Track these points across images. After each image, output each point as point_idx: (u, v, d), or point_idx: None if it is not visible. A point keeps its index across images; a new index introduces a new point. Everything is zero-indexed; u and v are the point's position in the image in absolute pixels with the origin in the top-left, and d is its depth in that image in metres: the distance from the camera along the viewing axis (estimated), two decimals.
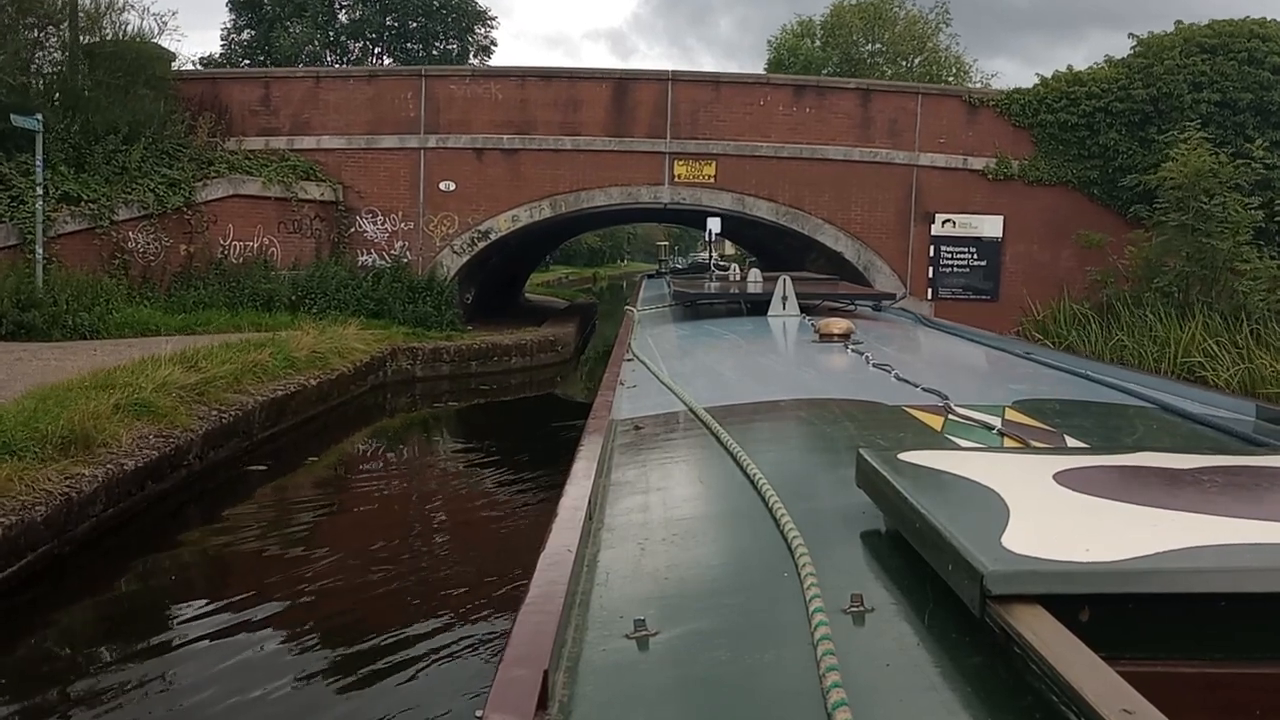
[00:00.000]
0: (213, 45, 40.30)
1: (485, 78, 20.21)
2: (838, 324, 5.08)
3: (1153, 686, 1.13)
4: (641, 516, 2.22)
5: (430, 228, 20.09)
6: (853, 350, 4.68)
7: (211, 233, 18.12)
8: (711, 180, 20.14)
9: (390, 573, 7.46)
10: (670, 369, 4.37)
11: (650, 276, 14.28)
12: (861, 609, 1.52)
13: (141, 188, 17.01)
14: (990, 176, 19.94)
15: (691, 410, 3.26)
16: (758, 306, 6.67)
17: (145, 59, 18.30)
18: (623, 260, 73.70)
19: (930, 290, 20.25)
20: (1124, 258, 17.45)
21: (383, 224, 20.07)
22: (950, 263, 20.22)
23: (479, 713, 1.20)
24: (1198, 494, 1.70)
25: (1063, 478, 1.78)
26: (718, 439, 2.76)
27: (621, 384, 4.12)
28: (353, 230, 19.99)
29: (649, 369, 4.34)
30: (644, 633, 1.50)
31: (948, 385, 3.46)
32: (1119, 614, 1.34)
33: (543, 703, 1.25)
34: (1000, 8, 66.54)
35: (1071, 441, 2.71)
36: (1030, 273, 20.09)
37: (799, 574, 1.62)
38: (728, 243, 62.72)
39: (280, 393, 11.39)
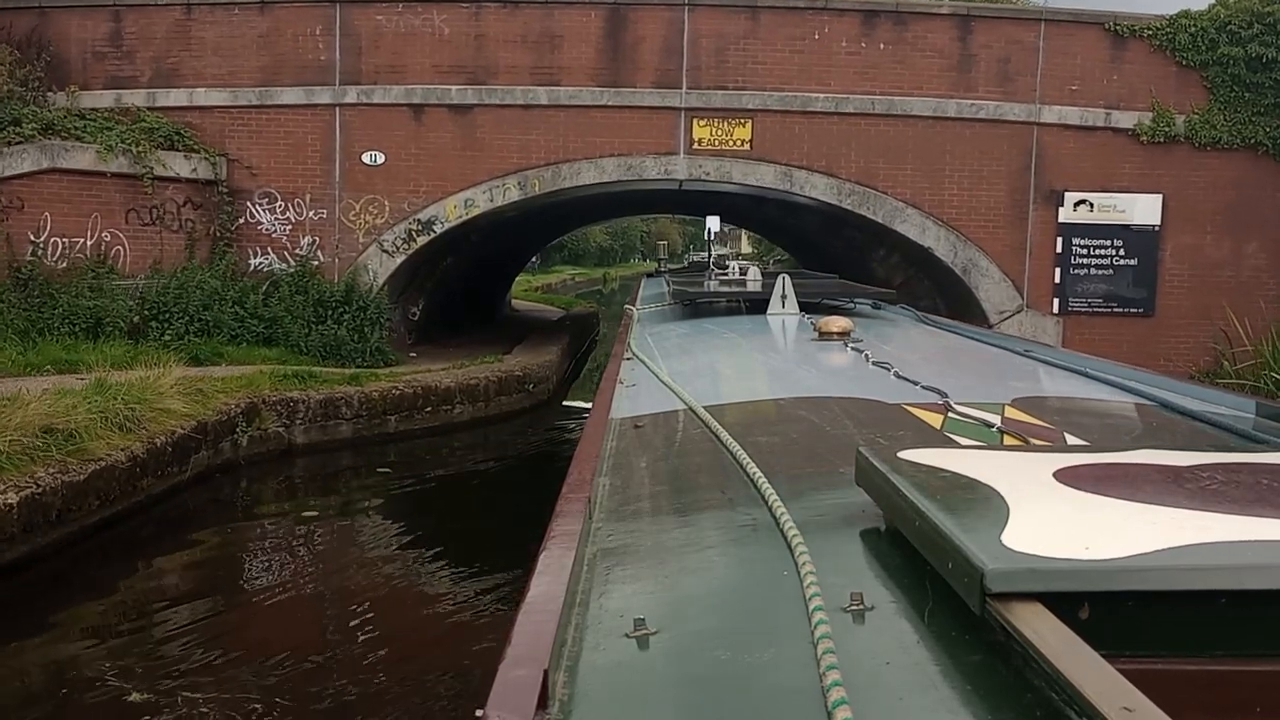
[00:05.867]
0: None
1: (425, 3, 14.29)
2: (837, 322, 4.99)
3: (1153, 684, 1.12)
4: (641, 515, 2.18)
5: (350, 217, 14.27)
6: (852, 348, 4.58)
7: (12, 224, 12.33)
8: (746, 147, 14.24)
9: None
10: (670, 368, 4.26)
11: (650, 275, 12.79)
12: (861, 607, 1.48)
13: None
14: (1144, 138, 13.99)
15: (691, 409, 3.20)
16: (757, 305, 6.54)
17: None
18: (644, 259, 68.53)
19: (1057, 301, 14.31)
20: None
21: (283, 212, 14.26)
22: (1086, 261, 14.25)
23: (479, 712, 1.15)
24: (1198, 491, 1.66)
25: (1063, 475, 1.76)
26: (717, 438, 2.73)
27: (621, 383, 4.00)
28: (241, 221, 14.20)
29: (648, 368, 4.24)
30: (644, 631, 1.47)
31: (947, 383, 3.36)
32: (1119, 612, 1.31)
33: (543, 702, 1.22)
34: None
35: (1071, 439, 2.69)
36: (1200, 276, 14.15)
37: (798, 572, 1.60)
38: (745, 238, 57.10)
39: None
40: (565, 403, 16.31)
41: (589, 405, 5.10)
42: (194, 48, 14.12)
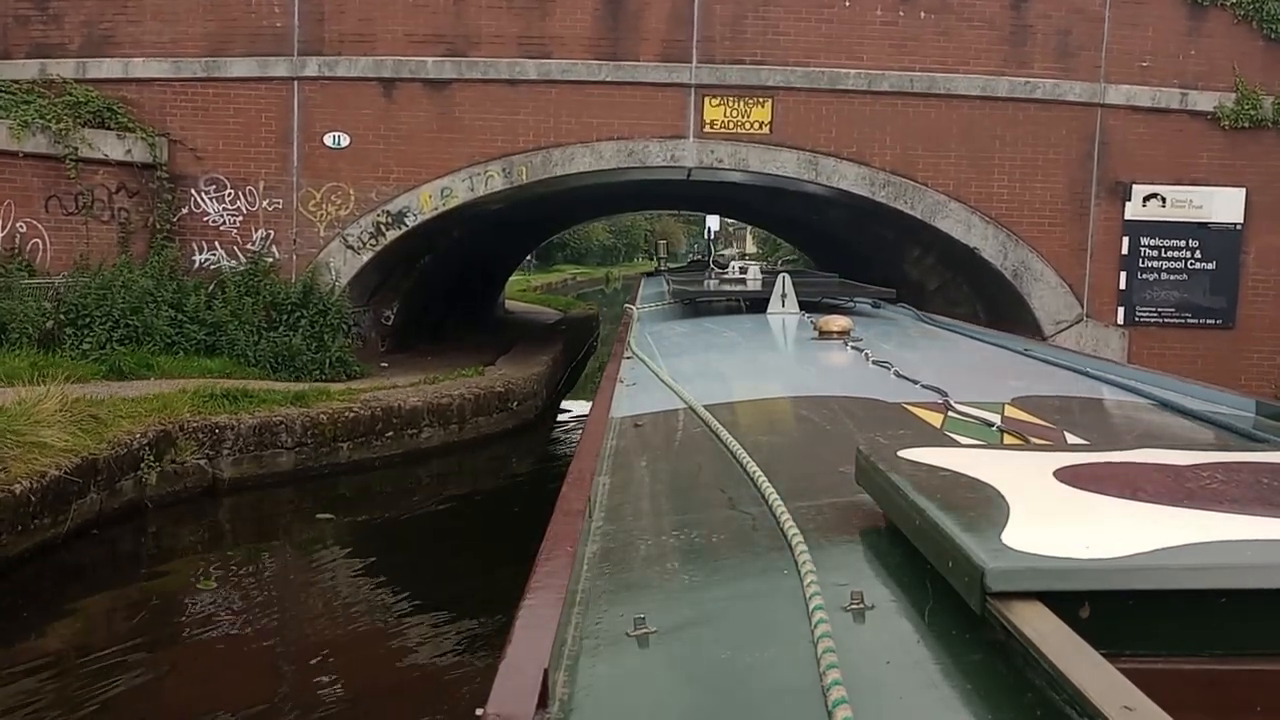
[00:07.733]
0: None
1: None
2: (837, 321, 5.02)
3: (1153, 683, 1.11)
4: (641, 514, 2.18)
5: (310, 207, 12.44)
6: (852, 347, 4.57)
7: None
8: (764, 130, 12.37)
9: None
10: (670, 367, 4.22)
11: (650, 274, 12.38)
12: (861, 606, 1.48)
13: None
14: (1225, 123, 12.13)
15: (691, 408, 3.18)
16: (757, 304, 6.56)
17: None
18: (649, 258, 66.86)
19: (1122, 310, 12.44)
20: None
21: (233, 201, 12.43)
22: (1156, 265, 12.39)
23: (479, 711, 1.14)
24: (1198, 490, 1.65)
25: (1063, 474, 1.74)
26: (717, 437, 2.73)
27: (621, 382, 3.97)
28: (184, 211, 12.39)
29: (648, 367, 4.21)
30: (644, 630, 1.47)
31: (947, 382, 3.34)
32: (1119, 611, 1.31)
33: (543, 701, 1.21)
34: None
35: (1071, 438, 2.68)
36: None
37: (799, 572, 1.60)
38: (749, 238, 54.93)
39: None
40: (563, 403, 14.66)
41: (585, 411, 4.62)
42: (130, 11, 12.30)
